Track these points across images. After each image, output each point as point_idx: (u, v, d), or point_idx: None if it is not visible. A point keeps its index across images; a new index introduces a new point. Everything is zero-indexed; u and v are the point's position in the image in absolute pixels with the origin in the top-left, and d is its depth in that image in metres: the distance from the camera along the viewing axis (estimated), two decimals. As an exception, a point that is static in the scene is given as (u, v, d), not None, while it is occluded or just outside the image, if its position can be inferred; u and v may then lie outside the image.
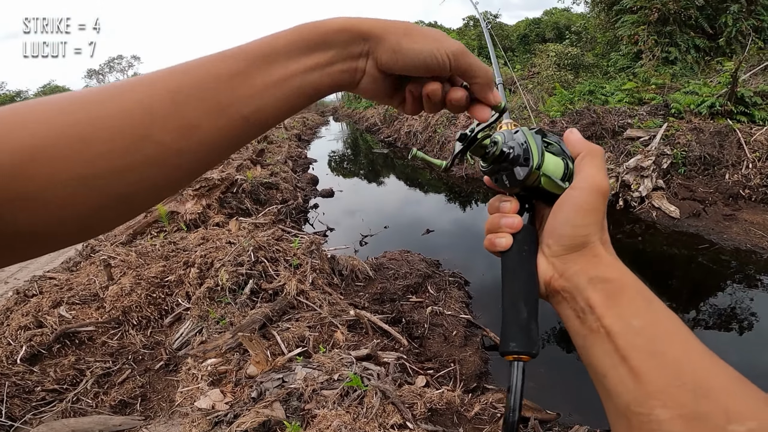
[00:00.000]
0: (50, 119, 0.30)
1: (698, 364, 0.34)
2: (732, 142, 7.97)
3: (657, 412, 0.32)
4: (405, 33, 0.40)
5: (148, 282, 4.18)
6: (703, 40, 13.30)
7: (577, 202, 0.42)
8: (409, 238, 6.59)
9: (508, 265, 0.45)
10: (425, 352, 3.57)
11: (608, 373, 0.36)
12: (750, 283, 4.88)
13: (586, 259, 0.41)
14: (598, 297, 0.38)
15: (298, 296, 3.71)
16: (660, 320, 0.37)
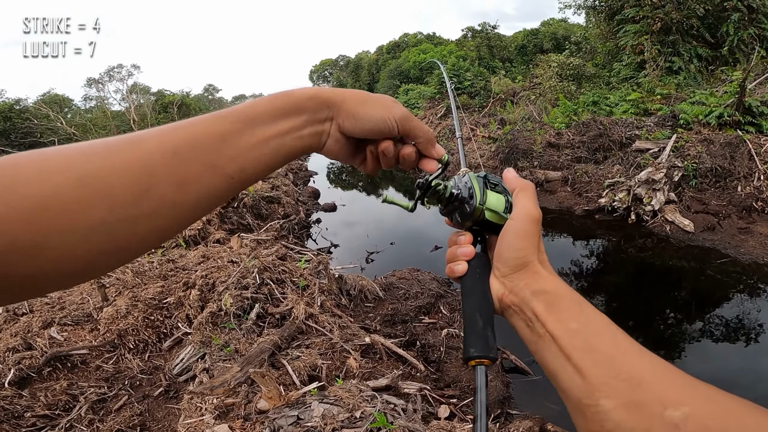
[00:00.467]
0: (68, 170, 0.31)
1: (629, 356, 0.38)
2: (743, 154, 7.82)
3: (602, 403, 0.36)
4: (361, 101, 0.48)
5: (145, 303, 3.94)
6: (705, 49, 13.24)
7: (515, 230, 0.48)
8: (417, 255, 6.38)
9: (466, 287, 0.51)
10: (443, 377, 3.34)
11: (558, 373, 0.40)
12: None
13: (528, 275, 0.46)
14: (540, 306, 0.43)
15: (306, 320, 3.49)
16: (591, 321, 0.41)
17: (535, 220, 0.49)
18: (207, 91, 61.73)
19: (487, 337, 0.47)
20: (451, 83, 1.41)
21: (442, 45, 29.72)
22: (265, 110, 0.42)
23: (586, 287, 5.47)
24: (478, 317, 0.48)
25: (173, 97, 38.18)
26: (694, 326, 4.39)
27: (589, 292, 5.29)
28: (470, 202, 0.53)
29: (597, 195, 7.92)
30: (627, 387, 0.36)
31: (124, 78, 33.97)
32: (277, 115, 0.43)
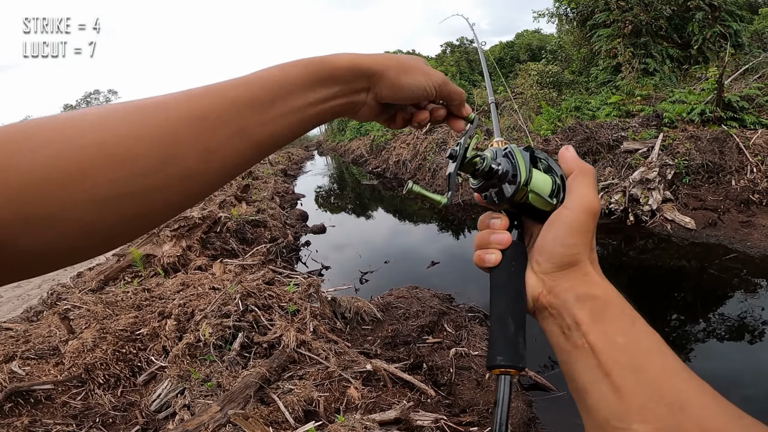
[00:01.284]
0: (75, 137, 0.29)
1: (676, 380, 0.34)
2: (731, 148, 7.80)
3: (635, 427, 0.33)
4: (403, 70, 0.46)
5: (115, 336, 3.58)
6: (675, 49, 13.55)
7: (569, 221, 0.42)
8: (414, 273, 6.05)
9: (497, 281, 0.45)
10: (457, 401, 2.99)
11: (590, 388, 0.37)
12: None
13: (575, 276, 0.41)
14: (584, 314, 0.39)
15: (298, 348, 3.12)
16: (642, 338, 0.37)
17: (593, 213, 0.43)
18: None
19: (518, 344, 0.42)
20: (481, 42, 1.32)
21: (421, 63, 30.06)
22: (298, 78, 0.40)
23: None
24: (510, 320, 0.43)
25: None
26: (711, 325, 4.12)
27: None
28: (512, 181, 0.46)
29: (592, 198, 7.75)
30: (667, 412, 0.33)
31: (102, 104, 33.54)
32: (311, 83, 0.40)
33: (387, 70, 0.45)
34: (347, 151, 25.40)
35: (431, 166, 12.38)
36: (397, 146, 15.88)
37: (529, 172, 0.45)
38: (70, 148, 0.28)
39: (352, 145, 25.09)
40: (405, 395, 2.86)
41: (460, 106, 0.53)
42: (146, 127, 0.32)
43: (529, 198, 0.45)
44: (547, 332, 0.42)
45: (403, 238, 9.03)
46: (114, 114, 0.32)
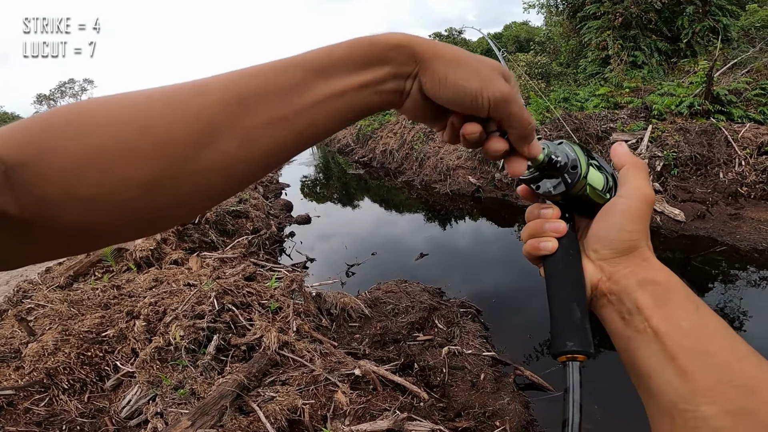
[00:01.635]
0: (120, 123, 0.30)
1: (745, 364, 0.34)
2: (719, 141, 7.80)
3: (704, 409, 0.32)
4: (456, 62, 0.37)
5: (78, 338, 3.30)
6: (664, 43, 13.63)
7: (628, 208, 0.42)
8: (402, 265, 5.86)
9: (556, 269, 0.44)
10: (452, 404, 2.81)
11: (654, 373, 0.36)
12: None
13: (635, 262, 0.41)
14: (646, 298, 0.38)
15: (281, 350, 2.90)
16: (707, 323, 0.37)
17: (650, 202, 0.43)
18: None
19: (586, 330, 0.41)
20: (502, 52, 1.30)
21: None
22: (343, 59, 0.36)
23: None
24: (575, 306, 0.41)
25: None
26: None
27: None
28: (573, 173, 0.44)
29: (582, 189, 7.67)
30: (737, 394, 0.32)
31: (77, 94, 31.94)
32: (357, 65, 0.36)
33: (437, 58, 0.37)
34: (333, 140, 24.95)
35: (418, 156, 12.16)
36: (384, 135, 15.60)
37: (587, 166, 0.45)
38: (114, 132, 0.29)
39: (338, 134, 24.69)
40: (396, 399, 2.67)
41: (521, 141, 0.41)
42: (186, 111, 0.32)
43: (587, 190, 0.45)
44: (605, 320, 0.42)
45: (390, 229, 8.83)
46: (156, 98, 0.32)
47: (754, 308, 4.13)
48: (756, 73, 9.99)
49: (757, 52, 10.56)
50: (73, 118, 0.29)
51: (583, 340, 0.40)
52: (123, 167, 0.29)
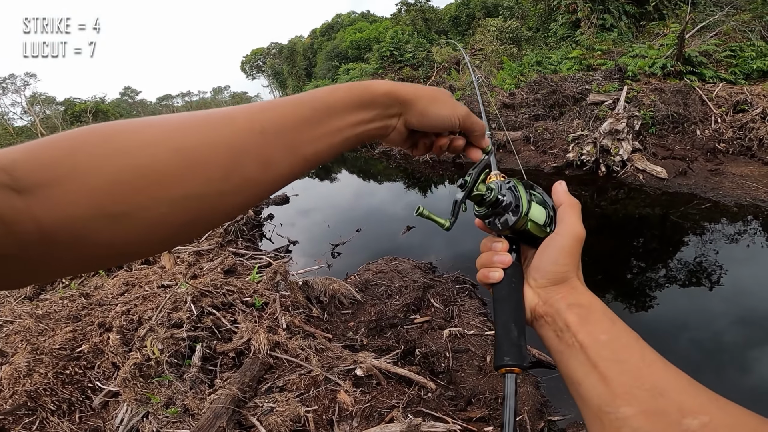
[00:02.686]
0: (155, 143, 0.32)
1: (655, 369, 0.39)
2: (694, 100, 7.83)
3: (623, 410, 0.37)
4: (431, 100, 0.50)
5: (52, 356, 2.97)
6: (632, 6, 13.55)
7: (562, 246, 0.49)
8: (389, 241, 5.64)
9: (500, 294, 0.50)
10: (461, 392, 2.66)
11: (582, 381, 0.41)
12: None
13: (565, 289, 0.47)
14: (573, 318, 0.44)
15: (272, 351, 2.65)
16: (621, 335, 0.43)
17: (580, 240, 0.49)
18: (125, 94, 56.47)
19: (521, 346, 0.47)
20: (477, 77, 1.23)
21: (377, 22, 28.79)
22: (344, 100, 0.43)
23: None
24: (513, 326, 0.48)
25: (85, 105, 34.12)
26: (690, 273, 4.04)
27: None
28: (515, 211, 0.51)
29: (563, 150, 7.60)
30: (649, 396, 0.37)
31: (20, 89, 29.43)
32: (354, 106, 0.44)
33: (418, 99, 0.49)
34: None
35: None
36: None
37: (529, 204, 0.51)
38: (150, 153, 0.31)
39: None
40: (403, 393, 2.49)
41: (479, 138, 0.57)
42: (216, 136, 0.34)
43: (528, 226, 0.51)
44: (543, 337, 0.48)
45: (372, 201, 8.57)
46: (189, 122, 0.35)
47: (744, 263, 4.15)
48: (725, 35, 10.05)
49: (725, 16, 10.60)
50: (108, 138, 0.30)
51: (518, 356, 0.46)
52: (157, 186, 0.30)
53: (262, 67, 46.89)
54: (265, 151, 0.37)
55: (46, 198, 0.27)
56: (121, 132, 0.31)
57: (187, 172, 0.32)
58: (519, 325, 0.47)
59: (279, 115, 0.39)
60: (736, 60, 9.01)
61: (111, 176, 0.29)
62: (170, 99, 65.68)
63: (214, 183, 0.33)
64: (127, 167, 0.29)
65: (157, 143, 0.31)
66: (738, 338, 3.24)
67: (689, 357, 3.10)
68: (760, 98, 7.17)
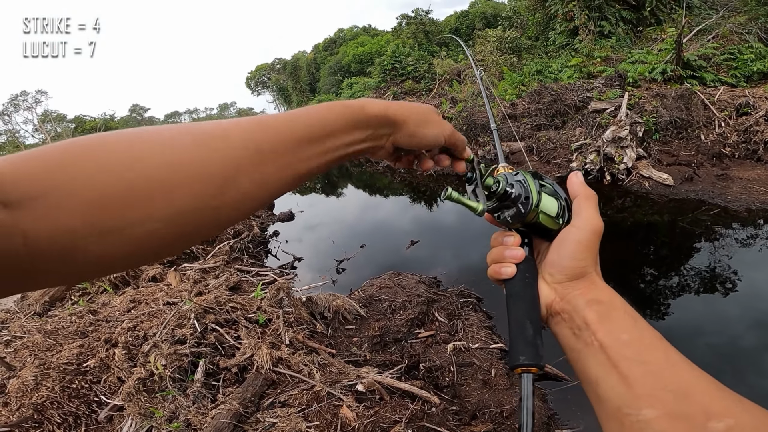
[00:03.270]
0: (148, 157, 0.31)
1: (679, 370, 0.38)
2: (696, 104, 7.79)
3: (645, 412, 0.36)
4: (421, 122, 0.51)
5: (59, 371, 3.03)
6: (629, 11, 13.60)
7: (579, 239, 0.47)
8: (393, 256, 5.65)
9: (514, 291, 0.49)
10: (465, 406, 2.64)
11: (601, 381, 0.40)
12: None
13: (584, 285, 0.46)
14: (593, 315, 0.43)
15: (275, 367, 2.66)
16: (645, 335, 0.41)
17: (598, 232, 0.48)
18: (134, 111, 57.59)
19: (537, 345, 0.45)
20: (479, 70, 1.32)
21: (378, 36, 29.21)
22: (339, 120, 0.44)
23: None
24: (529, 324, 0.46)
25: (94, 122, 34.90)
26: (701, 281, 3.99)
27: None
28: (525, 203, 0.50)
29: (566, 160, 7.59)
30: (673, 398, 0.36)
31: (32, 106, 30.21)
32: (349, 126, 0.45)
33: (408, 120, 0.50)
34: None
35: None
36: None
37: (539, 195, 0.50)
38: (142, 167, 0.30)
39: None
40: (406, 407, 2.48)
41: (462, 151, 0.58)
42: (212, 152, 0.34)
43: (540, 218, 0.49)
44: (559, 335, 0.46)
45: (376, 216, 8.60)
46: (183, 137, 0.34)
47: (757, 266, 4.10)
48: (722, 38, 10.05)
49: (720, 18, 10.61)
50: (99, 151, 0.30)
51: (534, 355, 0.44)
52: (149, 202, 0.30)
53: (266, 83, 47.65)
54: (261, 168, 0.37)
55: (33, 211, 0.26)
56: (112, 144, 0.31)
57: (181, 188, 0.31)
58: (534, 323, 0.46)
59: (275, 134, 0.39)
60: (735, 63, 8.98)
61: (102, 190, 0.28)
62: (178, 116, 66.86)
63: (208, 199, 0.33)
64: (118, 182, 0.29)
65: (149, 157, 0.31)
66: (756, 342, 3.20)
67: (708, 363, 3.06)
68: (763, 100, 7.14)
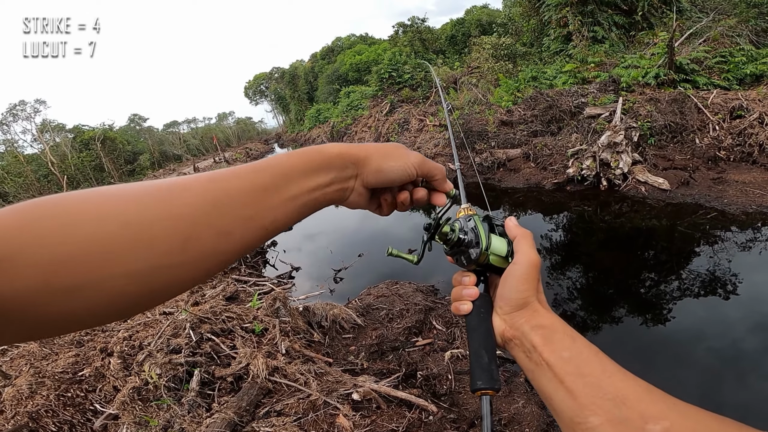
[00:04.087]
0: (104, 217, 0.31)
1: (615, 380, 0.42)
2: (690, 108, 7.83)
3: (591, 420, 0.40)
4: (383, 156, 0.52)
5: (54, 379, 3.03)
6: (621, 16, 13.71)
7: (519, 274, 0.52)
8: (390, 264, 5.63)
9: (471, 325, 0.54)
10: (462, 413, 2.62)
11: (553, 395, 0.44)
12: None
13: (528, 313, 0.51)
14: (538, 339, 0.48)
15: (271, 376, 2.64)
16: (583, 351, 0.46)
17: (535, 266, 0.53)
18: (132, 121, 57.76)
19: (492, 371, 0.50)
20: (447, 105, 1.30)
21: (375, 44, 29.46)
22: (299, 165, 0.45)
23: (575, 265, 4.97)
24: (484, 352, 0.51)
25: (93, 132, 34.96)
26: (701, 284, 3.99)
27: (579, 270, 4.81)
28: (476, 248, 0.56)
29: (563, 166, 7.61)
30: (612, 405, 0.39)
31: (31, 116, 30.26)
32: (309, 170, 0.45)
33: (370, 156, 0.51)
34: (308, 141, 24.54)
35: (395, 149, 11.95)
36: (359, 130, 15.33)
37: (488, 239, 0.55)
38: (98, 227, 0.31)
39: (312, 134, 24.25)
40: (403, 416, 2.46)
41: (441, 182, 0.59)
42: (168, 209, 0.34)
43: (490, 259, 0.55)
44: (516, 358, 0.51)
45: (373, 224, 8.58)
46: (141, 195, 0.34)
47: (756, 269, 4.10)
48: (713, 41, 10.13)
49: (711, 21, 10.71)
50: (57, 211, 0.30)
51: (490, 379, 0.49)
52: (108, 261, 0.30)
53: (265, 92, 47.91)
54: (221, 221, 0.37)
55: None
56: (71, 205, 0.31)
57: (139, 246, 0.32)
58: (489, 352, 0.51)
59: (235, 186, 0.39)
60: (727, 66, 9.04)
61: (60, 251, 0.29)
62: (176, 125, 66.99)
63: (169, 256, 0.33)
64: (76, 242, 0.29)
65: (106, 217, 0.31)
66: (757, 345, 3.19)
67: (709, 366, 3.05)
68: (756, 103, 7.19)
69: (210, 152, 48.14)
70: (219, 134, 56.02)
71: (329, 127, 19.85)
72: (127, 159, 37.28)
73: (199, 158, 42.40)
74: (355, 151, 0.49)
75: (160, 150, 46.56)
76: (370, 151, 0.51)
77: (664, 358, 3.29)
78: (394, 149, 0.54)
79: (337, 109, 21.06)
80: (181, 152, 47.51)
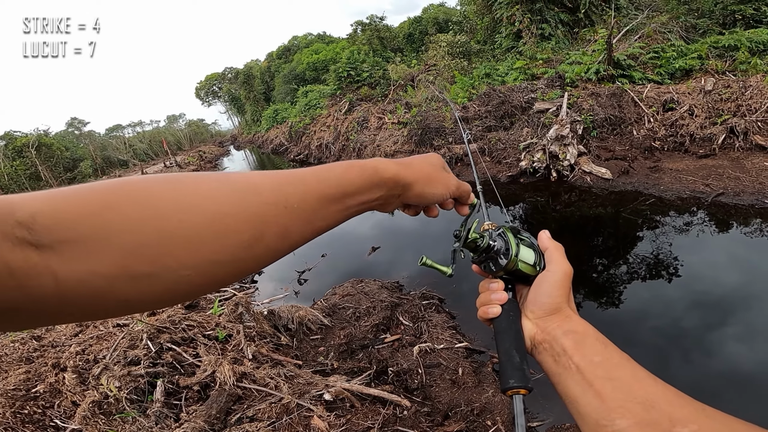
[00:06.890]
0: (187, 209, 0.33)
1: (645, 383, 0.43)
2: (627, 101, 8.40)
3: (618, 423, 0.41)
4: (428, 183, 0.57)
5: (8, 396, 2.84)
6: (566, 14, 14.40)
7: (554, 281, 0.56)
8: (355, 263, 5.67)
9: (501, 327, 0.56)
10: (437, 406, 2.70)
11: (579, 398, 0.45)
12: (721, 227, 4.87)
13: (560, 318, 0.54)
14: (570, 343, 0.50)
15: (239, 382, 2.60)
16: (613, 356, 0.48)
17: (569, 275, 0.57)
18: (71, 125, 53.91)
19: (524, 369, 0.51)
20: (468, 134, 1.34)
21: (333, 43, 29.18)
22: (358, 181, 0.47)
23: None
24: (515, 352, 0.52)
25: (27, 138, 32.41)
26: (645, 267, 4.32)
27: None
28: (506, 254, 0.58)
29: (516, 159, 7.94)
30: (641, 408, 0.40)
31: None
32: (366, 188, 0.48)
33: (416, 182, 0.55)
34: (266, 142, 23.94)
35: (355, 146, 11.93)
36: (318, 130, 15.16)
37: (517, 247, 0.59)
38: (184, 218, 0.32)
39: (270, 135, 23.71)
40: (378, 413, 2.51)
41: (466, 198, 0.64)
42: (245, 207, 0.36)
43: (519, 266, 0.58)
44: (542, 363, 0.52)
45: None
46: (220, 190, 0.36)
47: (692, 250, 4.48)
48: (648, 38, 10.89)
49: (645, 18, 11.48)
50: (142, 198, 0.31)
51: (522, 378, 0.50)
52: (186, 251, 0.31)
53: (218, 93, 46.26)
54: (286, 223, 0.39)
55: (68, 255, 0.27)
56: (155, 193, 0.32)
57: (217, 240, 0.33)
58: (520, 352, 0.52)
59: (302, 191, 0.41)
60: (659, 61, 9.73)
61: (142, 238, 0.29)
62: (120, 129, 63.21)
63: (238, 251, 0.35)
64: (160, 231, 0.30)
65: (191, 209, 0.32)
66: (697, 322, 3.43)
67: (654, 344, 3.25)
68: (686, 96, 7.82)
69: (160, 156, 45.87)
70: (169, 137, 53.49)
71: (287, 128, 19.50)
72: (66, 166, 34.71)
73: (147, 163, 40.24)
74: (406, 176, 0.53)
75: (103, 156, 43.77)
76: (417, 177, 0.54)
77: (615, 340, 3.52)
78: (438, 175, 0.58)
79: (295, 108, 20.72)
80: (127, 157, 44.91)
